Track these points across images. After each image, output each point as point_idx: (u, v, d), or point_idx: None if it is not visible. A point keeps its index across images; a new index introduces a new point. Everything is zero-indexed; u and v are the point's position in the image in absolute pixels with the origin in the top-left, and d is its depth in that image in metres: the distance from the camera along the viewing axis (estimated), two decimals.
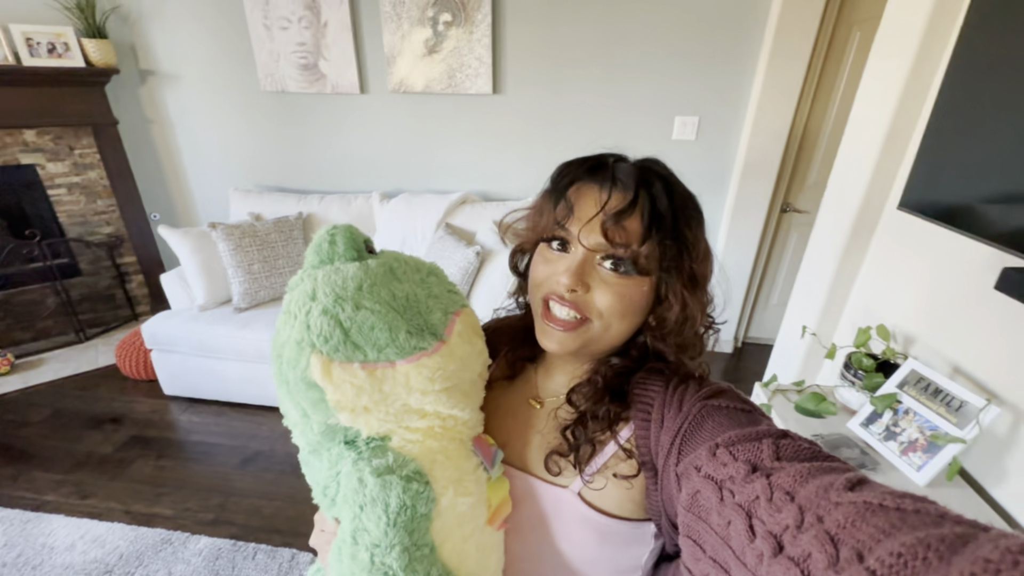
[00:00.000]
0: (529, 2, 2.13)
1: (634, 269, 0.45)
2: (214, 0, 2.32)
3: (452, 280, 1.99)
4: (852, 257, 1.42)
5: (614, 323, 0.47)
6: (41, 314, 2.60)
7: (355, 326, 0.41)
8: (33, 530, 1.60)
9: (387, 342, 0.41)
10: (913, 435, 1.01)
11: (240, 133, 2.62)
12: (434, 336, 0.44)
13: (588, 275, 0.46)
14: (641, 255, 0.44)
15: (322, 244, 0.45)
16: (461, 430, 0.48)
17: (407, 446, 0.45)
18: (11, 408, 2.18)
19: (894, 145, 1.27)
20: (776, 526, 0.29)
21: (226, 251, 2.12)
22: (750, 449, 0.35)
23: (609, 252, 0.45)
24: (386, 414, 0.43)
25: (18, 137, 2.34)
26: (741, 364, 2.61)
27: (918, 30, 1.17)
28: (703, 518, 0.35)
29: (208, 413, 2.18)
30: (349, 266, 0.44)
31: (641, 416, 0.47)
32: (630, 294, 0.46)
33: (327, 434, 0.45)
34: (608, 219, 0.43)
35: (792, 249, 2.51)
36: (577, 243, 0.46)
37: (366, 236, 0.48)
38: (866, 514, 0.25)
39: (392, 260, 0.46)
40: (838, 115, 2.18)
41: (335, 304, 0.41)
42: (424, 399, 0.44)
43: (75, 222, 2.58)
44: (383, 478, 0.41)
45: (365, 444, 0.45)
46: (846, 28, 2.06)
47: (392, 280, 0.44)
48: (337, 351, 0.40)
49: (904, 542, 0.22)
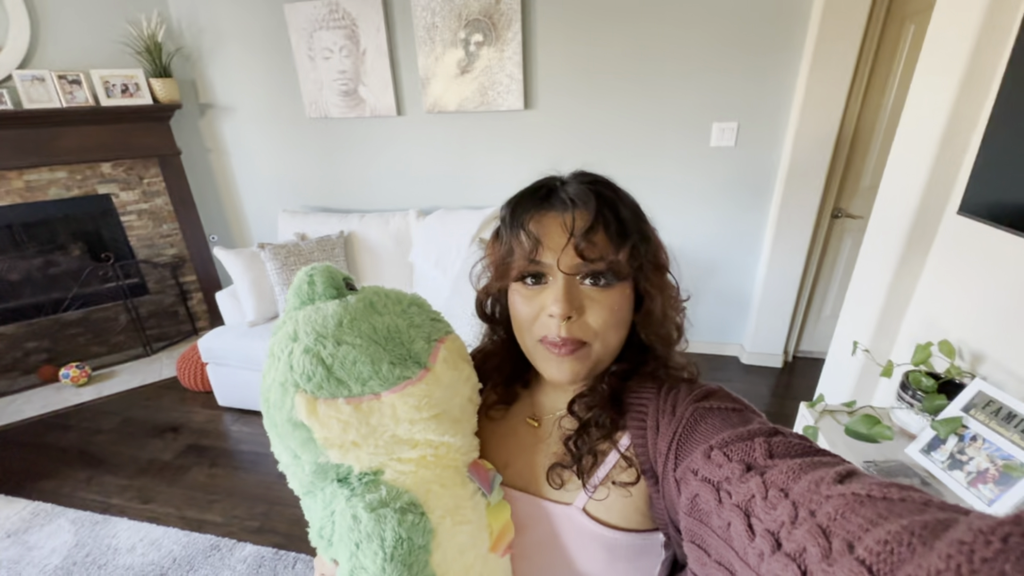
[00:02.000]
0: (558, 19, 2.15)
1: (615, 278, 0.46)
2: (264, 37, 2.50)
3: None
4: (909, 266, 1.31)
5: (611, 337, 0.47)
6: (114, 330, 2.84)
7: (337, 362, 0.41)
8: (101, 531, 1.73)
9: (370, 374, 0.41)
10: (983, 464, 0.90)
11: (288, 158, 2.78)
12: (418, 364, 0.44)
13: (576, 298, 0.46)
14: (620, 263, 0.45)
15: (302, 286, 0.46)
16: (455, 457, 0.47)
17: (400, 478, 0.44)
18: (88, 416, 2.39)
19: (952, 145, 1.16)
20: (773, 523, 0.29)
21: (273, 270, 2.24)
22: (743, 449, 0.36)
23: (589, 270, 0.45)
24: (376, 447, 0.43)
25: (96, 169, 2.59)
26: (792, 380, 2.45)
27: (975, 17, 1.07)
28: (704, 521, 0.36)
29: (257, 423, 2.29)
30: (329, 304, 0.44)
31: (637, 424, 0.47)
32: (617, 303, 0.46)
33: (319, 473, 0.45)
34: (579, 239, 0.44)
35: (846, 256, 2.35)
36: (556, 271, 0.45)
37: (345, 274, 0.49)
38: (855, 505, 0.26)
39: (372, 295, 0.47)
40: (892, 114, 2.04)
41: (316, 342, 0.41)
42: (413, 428, 0.43)
43: (143, 245, 2.81)
44: (377, 512, 0.40)
45: (358, 480, 0.45)
46: (898, 22, 1.93)
47: (372, 314, 0.44)
48: (321, 388, 0.40)
49: (890, 530, 0.23)
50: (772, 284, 2.36)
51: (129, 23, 2.43)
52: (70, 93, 2.34)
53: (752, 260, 2.42)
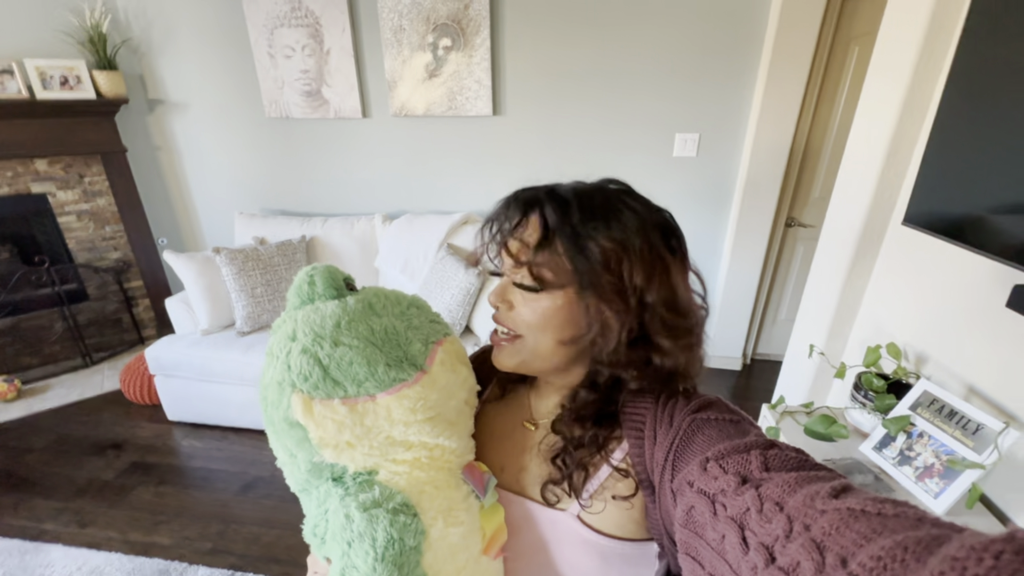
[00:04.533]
0: (526, 26, 2.17)
1: (534, 281, 0.46)
2: (221, 32, 2.39)
3: (454, 301, 1.96)
4: (859, 273, 1.39)
5: (539, 337, 0.48)
6: (49, 339, 2.62)
7: (334, 363, 0.41)
8: (31, 561, 1.58)
9: (366, 376, 0.42)
10: (929, 460, 0.96)
11: (245, 159, 2.66)
12: (414, 367, 0.44)
13: (507, 293, 0.49)
14: (537, 265, 0.45)
15: (302, 285, 0.46)
16: (449, 459, 0.47)
17: (394, 479, 0.44)
18: (15, 435, 2.18)
19: (896, 159, 1.25)
20: (767, 537, 0.29)
21: (229, 275, 2.13)
22: (739, 461, 0.36)
23: (517, 272, 0.48)
24: (370, 448, 0.43)
25: (30, 167, 2.39)
26: (750, 382, 2.55)
27: (915, 42, 1.15)
28: (699, 534, 0.35)
29: (210, 438, 2.16)
30: (328, 304, 0.44)
31: (634, 434, 0.47)
32: (542, 307, 0.47)
33: (314, 472, 0.45)
34: (506, 235, 0.47)
35: (799, 263, 2.48)
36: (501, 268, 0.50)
37: (346, 274, 0.49)
38: (849, 520, 0.26)
39: (371, 296, 0.47)
40: (840, 130, 2.17)
41: (314, 343, 0.42)
42: (408, 430, 0.43)
43: (84, 248, 2.61)
44: (369, 512, 0.40)
45: (352, 480, 0.45)
46: (844, 44, 2.06)
47: (371, 315, 0.45)
48: (317, 388, 0.41)
49: (884, 546, 0.23)
50: (731, 289, 2.46)
51: (71, 12, 2.27)
52: (0, 84, 2.16)
53: (713, 266, 2.51)
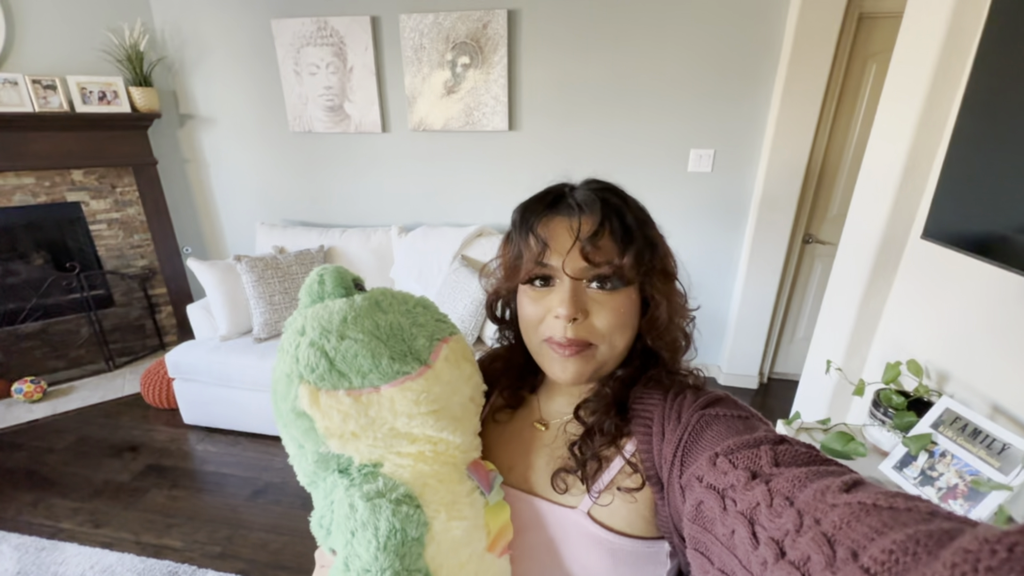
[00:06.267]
0: (543, 44, 2.22)
1: (620, 283, 0.47)
2: (250, 50, 2.50)
3: (466, 311, 1.98)
4: (877, 289, 1.37)
5: (617, 339, 0.48)
6: (75, 343, 2.70)
7: (339, 355, 0.42)
8: (47, 559, 1.60)
9: (370, 368, 0.43)
10: (952, 480, 0.93)
11: (268, 171, 2.75)
12: (418, 361, 0.45)
13: (582, 301, 0.46)
14: (624, 268, 0.46)
15: (313, 285, 0.48)
16: (454, 454, 0.48)
17: (398, 471, 0.45)
18: (39, 434, 2.24)
19: (914, 174, 1.23)
20: (777, 531, 0.29)
21: (249, 283, 2.18)
22: (749, 456, 0.36)
23: (595, 273, 0.46)
24: (374, 439, 0.44)
25: (67, 177, 2.51)
26: (767, 401, 2.49)
27: (931, 61, 1.15)
28: (708, 529, 0.35)
29: (224, 443, 2.19)
30: (337, 302, 0.46)
31: (642, 430, 0.47)
32: (623, 307, 0.47)
33: (321, 463, 0.46)
34: (585, 243, 0.45)
35: (817, 281, 2.44)
36: (562, 274, 0.46)
37: (355, 275, 0.50)
38: (860, 514, 0.26)
39: (379, 294, 0.49)
40: (857, 146, 2.15)
41: (321, 336, 0.43)
42: (411, 422, 0.44)
43: (112, 255, 2.71)
44: (372, 502, 0.41)
45: (358, 472, 0.46)
46: (861, 62, 2.06)
47: (377, 311, 0.46)
48: (323, 380, 0.42)
49: (895, 539, 0.23)
50: (748, 307, 2.42)
51: (111, 31, 2.40)
52: (44, 98, 2.28)
53: (728, 283, 2.48)
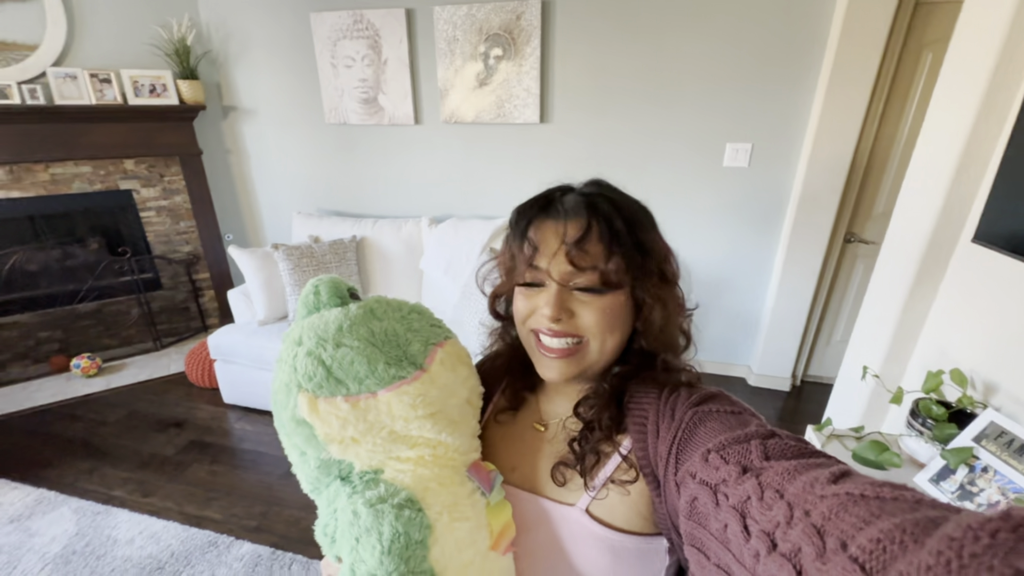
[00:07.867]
0: (577, 35, 2.19)
1: (606, 287, 0.47)
2: (290, 44, 2.56)
3: None
4: (922, 293, 1.30)
5: (606, 339, 0.48)
6: (126, 323, 2.88)
7: (336, 363, 0.44)
8: (102, 522, 1.73)
9: (367, 374, 0.44)
10: (994, 496, 0.89)
11: (305, 161, 2.83)
12: (414, 365, 0.46)
13: (567, 302, 0.47)
14: (609, 272, 0.46)
15: (308, 296, 0.50)
16: (453, 457, 0.49)
17: (399, 476, 0.46)
18: (95, 408, 2.41)
19: (967, 173, 1.16)
20: (768, 524, 0.30)
21: (286, 270, 2.27)
22: (740, 451, 0.36)
23: (580, 277, 0.47)
24: (374, 444, 0.45)
25: (120, 166, 2.65)
26: (799, 405, 2.42)
27: (994, 45, 1.08)
28: (703, 524, 0.36)
29: (260, 423, 2.29)
30: (332, 311, 0.48)
31: (637, 428, 0.48)
32: (610, 309, 0.47)
33: (323, 469, 0.48)
34: (571, 248, 0.46)
35: (858, 282, 2.33)
36: (548, 277, 0.48)
37: (350, 285, 0.52)
38: (848, 504, 0.26)
39: (373, 303, 0.50)
40: (908, 140, 2.04)
41: (317, 345, 0.45)
42: (409, 425, 0.45)
43: (160, 241, 2.86)
44: (375, 508, 0.42)
45: (359, 478, 0.47)
46: (915, 50, 1.94)
47: (371, 319, 0.47)
48: (321, 388, 0.44)
49: (883, 528, 0.23)
50: (782, 307, 2.35)
51: (160, 26, 2.50)
52: (100, 91, 2.41)
53: (762, 282, 2.41)
